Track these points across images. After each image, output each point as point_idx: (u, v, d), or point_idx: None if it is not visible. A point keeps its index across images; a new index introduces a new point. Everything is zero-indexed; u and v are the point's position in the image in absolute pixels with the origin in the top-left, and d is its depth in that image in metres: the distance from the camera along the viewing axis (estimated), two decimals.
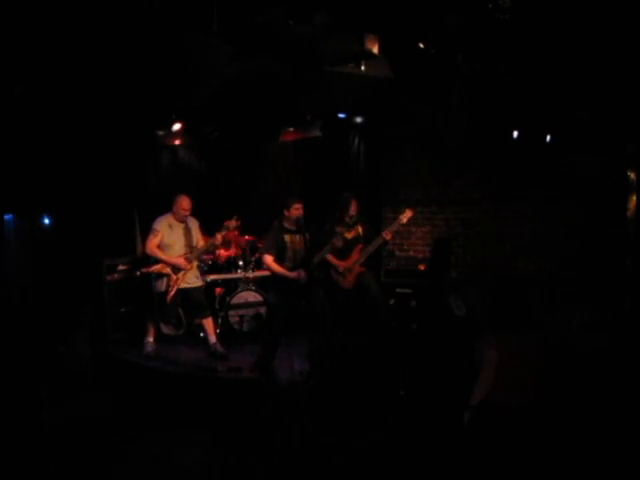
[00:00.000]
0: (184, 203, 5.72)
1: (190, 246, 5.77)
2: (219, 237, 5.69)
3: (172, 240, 5.71)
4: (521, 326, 3.57)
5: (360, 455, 3.94)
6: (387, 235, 5.59)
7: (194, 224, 5.90)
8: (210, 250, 6.29)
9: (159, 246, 5.67)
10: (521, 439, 3.32)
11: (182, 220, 5.77)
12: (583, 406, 4.25)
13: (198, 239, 5.88)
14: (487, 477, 3.31)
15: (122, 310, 6.69)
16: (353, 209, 5.64)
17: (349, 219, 5.62)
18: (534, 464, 3.31)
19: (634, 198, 5.44)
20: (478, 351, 3.56)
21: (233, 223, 5.72)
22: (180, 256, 5.69)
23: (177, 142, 7.89)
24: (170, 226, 5.72)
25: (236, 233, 6.68)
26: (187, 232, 5.78)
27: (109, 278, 6.62)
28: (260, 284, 6.66)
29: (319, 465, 3.84)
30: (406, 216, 5.66)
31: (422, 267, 6.57)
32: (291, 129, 7.62)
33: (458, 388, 3.77)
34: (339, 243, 5.29)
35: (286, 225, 5.24)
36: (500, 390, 3.40)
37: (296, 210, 5.18)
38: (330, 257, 5.58)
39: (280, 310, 5.23)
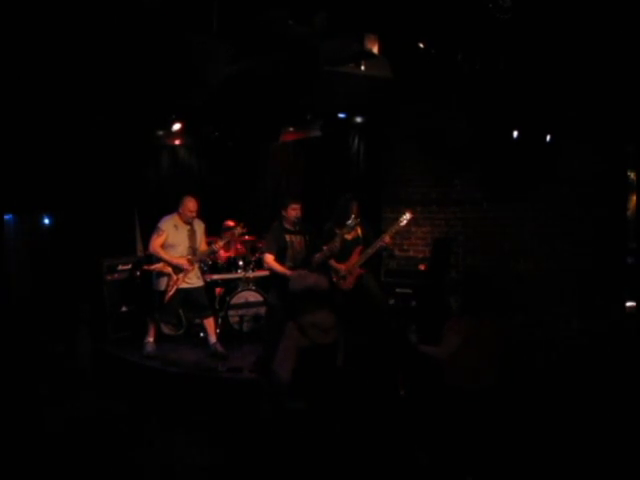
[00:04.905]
0: (190, 204, 5.68)
1: (193, 248, 5.74)
2: (219, 245, 5.75)
3: (176, 241, 5.67)
4: (486, 314, 3.75)
5: (359, 455, 3.94)
6: (386, 239, 5.56)
7: (200, 227, 5.86)
8: (210, 256, 6.31)
9: (163, 246, 5.64)
10: (486, 420, 3.60)
11: (188, 221, 5.73)
12: (581, 404, 4.26)
13: (202, 242, 5.85)
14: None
15: (122, 310, 6.70)
16: (355, 211, 5.62)
17: (350, 221, 5.59)
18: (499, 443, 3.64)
19: (634, 198, 5.45)
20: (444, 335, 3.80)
21: (239, 230, 5.70)
22: (183, 257, 5.67)
23: (177, 142, 7.90)
24: (176, 227, 5.68)
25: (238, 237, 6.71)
26: (192, 234, 5.74)
27: (109, 278, 6.63)
28: (260, 284, 6.65)
29: (319, 465, 3.84)
30: (405, 218, 5.64)
31: (422, 267, 6.57)
32: (291, 129, 7.62)
33: None
34: (336, 246, 5.25)
35: (286, 225, 5.23)
36: (463, 373, 3.67)
37: (293, 210, 5.17)
38: (331, 261, 5.54)
39: (280, 310, 5.23)
